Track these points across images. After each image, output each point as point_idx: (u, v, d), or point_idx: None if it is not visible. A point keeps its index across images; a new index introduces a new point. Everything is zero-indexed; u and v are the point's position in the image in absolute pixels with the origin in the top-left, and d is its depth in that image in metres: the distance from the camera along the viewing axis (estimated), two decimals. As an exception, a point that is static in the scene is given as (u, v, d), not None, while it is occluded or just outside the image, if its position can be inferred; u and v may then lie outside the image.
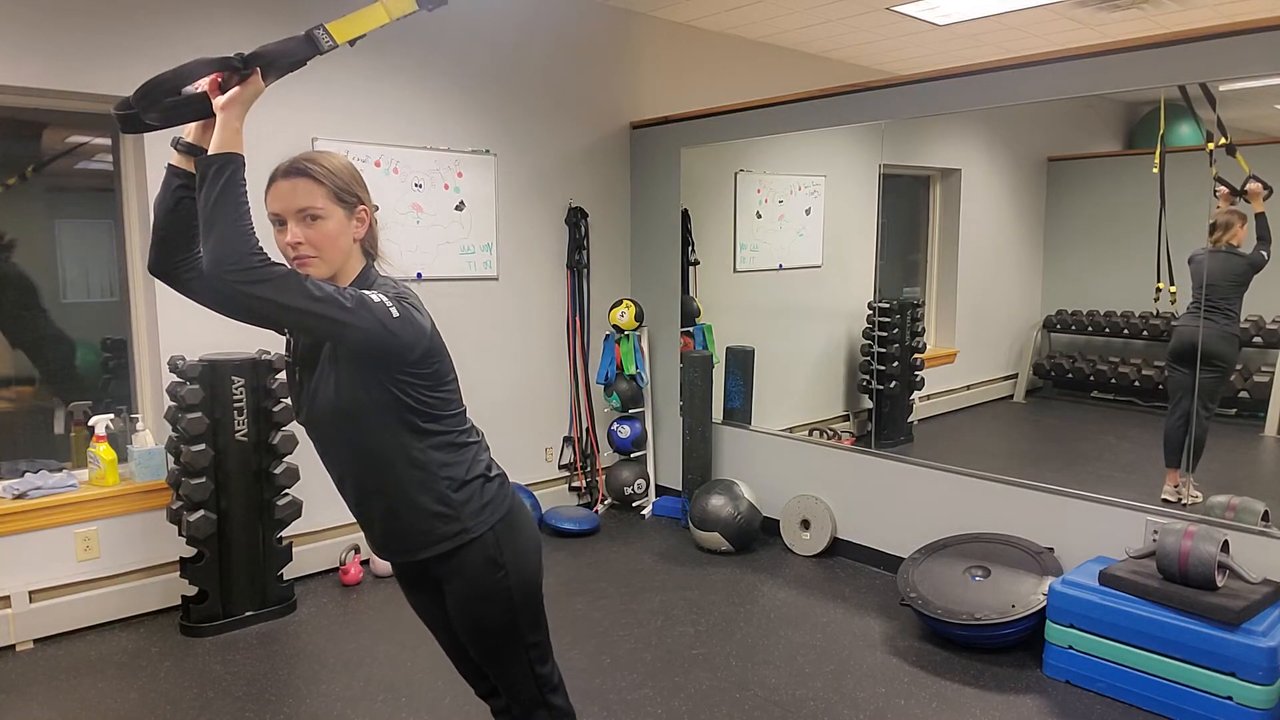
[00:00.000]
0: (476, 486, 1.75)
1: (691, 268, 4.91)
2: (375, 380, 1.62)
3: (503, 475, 1.84)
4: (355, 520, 1.83)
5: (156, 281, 3.61)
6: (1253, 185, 3.76)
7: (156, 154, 3.46)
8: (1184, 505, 3.45)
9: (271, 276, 1.47)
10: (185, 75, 1.54)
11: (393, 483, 1.70)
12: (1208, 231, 3.83)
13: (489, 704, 2.06)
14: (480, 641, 1.82)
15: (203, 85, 1.57)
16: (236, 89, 1.54)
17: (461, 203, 4.36)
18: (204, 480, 3.33)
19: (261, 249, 1.48)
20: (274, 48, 1.58)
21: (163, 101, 1.55)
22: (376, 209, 1.80)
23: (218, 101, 1.54)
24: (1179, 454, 3.80)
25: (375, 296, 1.58)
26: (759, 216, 5.10)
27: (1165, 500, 3.58)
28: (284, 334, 1.82)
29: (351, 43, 1.66)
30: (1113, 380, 5.21)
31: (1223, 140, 3.62)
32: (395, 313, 1.58)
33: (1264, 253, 3.82)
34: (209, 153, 1.51)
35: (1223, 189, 3.80)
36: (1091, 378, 5.32)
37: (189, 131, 1.65)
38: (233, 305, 1.62)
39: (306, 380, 1.71)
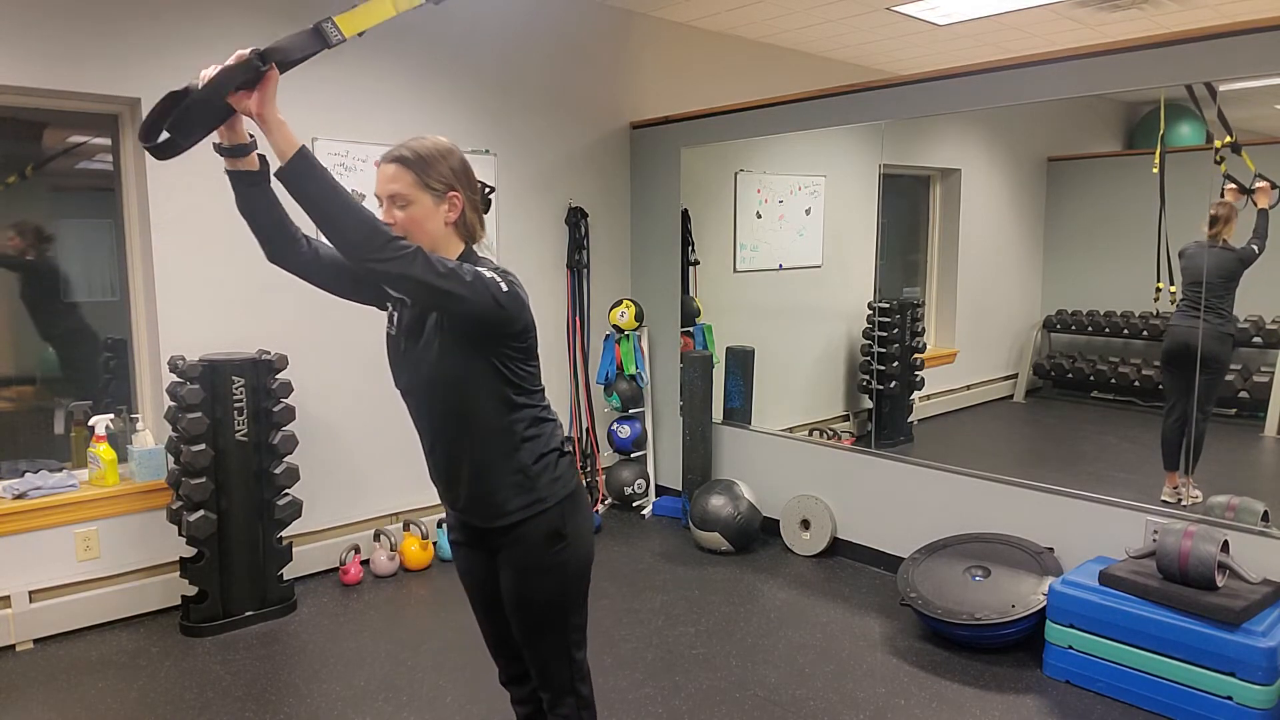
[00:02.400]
0: (552, 460, 1.84)
1: (691, 268, 4.91)
2: (479, 351, 1.73)
3: (572, 454, 1.93)
4: (440, 484, 1.90)
5: (156, 281, 3.64)
6: (1262, 184, 3.75)
7: (156, 154, 3.46)
8: (1184, 506, 3.45)
9: (404, 253, 1.57)
10: (218, 89, 1.55)
11: (483, 449, 1.79)
12: (1207, 225, 3.82)
13: (510, 691, 2.07)
14: (528, 616, 1.87)
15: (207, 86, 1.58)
16: (261, 92, 1.57)
17: (461, 203, 4.35)
18: (204, 480, 3.33)
19: (388, 228, 1.59)
20: (286, 42, 1.59)
21: (193, 125, 1.59)
22: (491, 190, 1.87)
23: (248, 106, 1.57)
24: (1177, 456, 3.79)
25: (486, 273, 1.69)
26: (759, 216, 5.10)
27: (1165, 502, 3.58)
28: (385, 308, 1.90)
29: (361, 34, 1.67)
30: (1113, 380, 5.21)
31: (1228, 139, 3.61)
32: (504, 288, 1.69)
33: (1254, 246, 3.79)
34: (282, 164, 1.56)
35: (1231, 185, 3.79)
36: (1091, 378, 5.32)
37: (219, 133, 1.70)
38: (347, 284, 1.86)
39: (411, 348, 1.81)
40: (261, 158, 1.72)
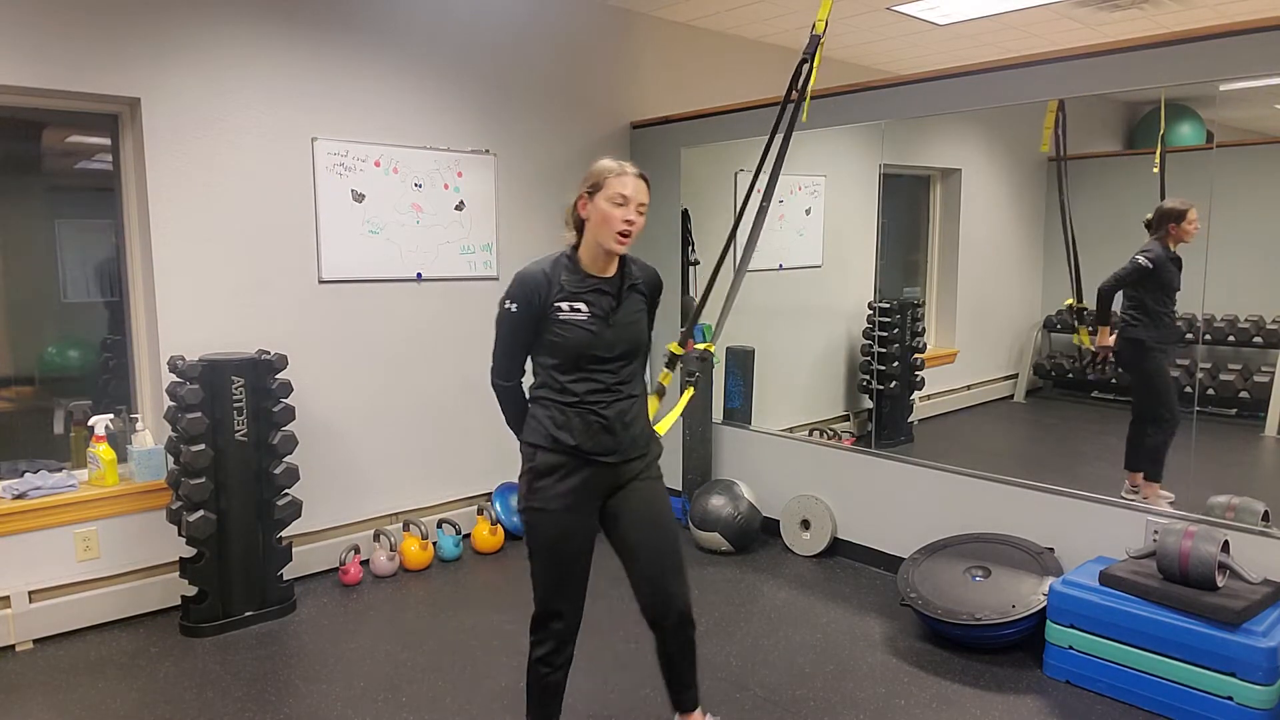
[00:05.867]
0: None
1: (691, 268, 4.90)
2: (650, 325, 2.40)
3: None
4: (608, 434, 2.21)
5: (156, 281, 3.64)
6: None
7: (157, 154, 3.46)
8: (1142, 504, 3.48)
9: None
10: None
11: (640, 397, 2.33)
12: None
13: (559, 654, 2.29)
14: (667, 518, 2.36)
15: None
16: None
17: (461, 203, 4.36)
18: (204, 480, 3.32)
19: None
20: None
21: None
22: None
23: None
24: (1131, 458, 3.94)
25: None
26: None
27: (1123, 496, 3.60)
28: (593, 301, 2.24)
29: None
30: (1113, 380, 5.21)
31: None
32: None
33: (1140, 255, 3.88)
34: None
35: None
36: (1092, 378, 5.32)
37: None
38: None
39: (615, 325, 2.22)
40: None
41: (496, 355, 2.31)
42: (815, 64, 2.96)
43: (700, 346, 2.83)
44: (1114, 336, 4.07)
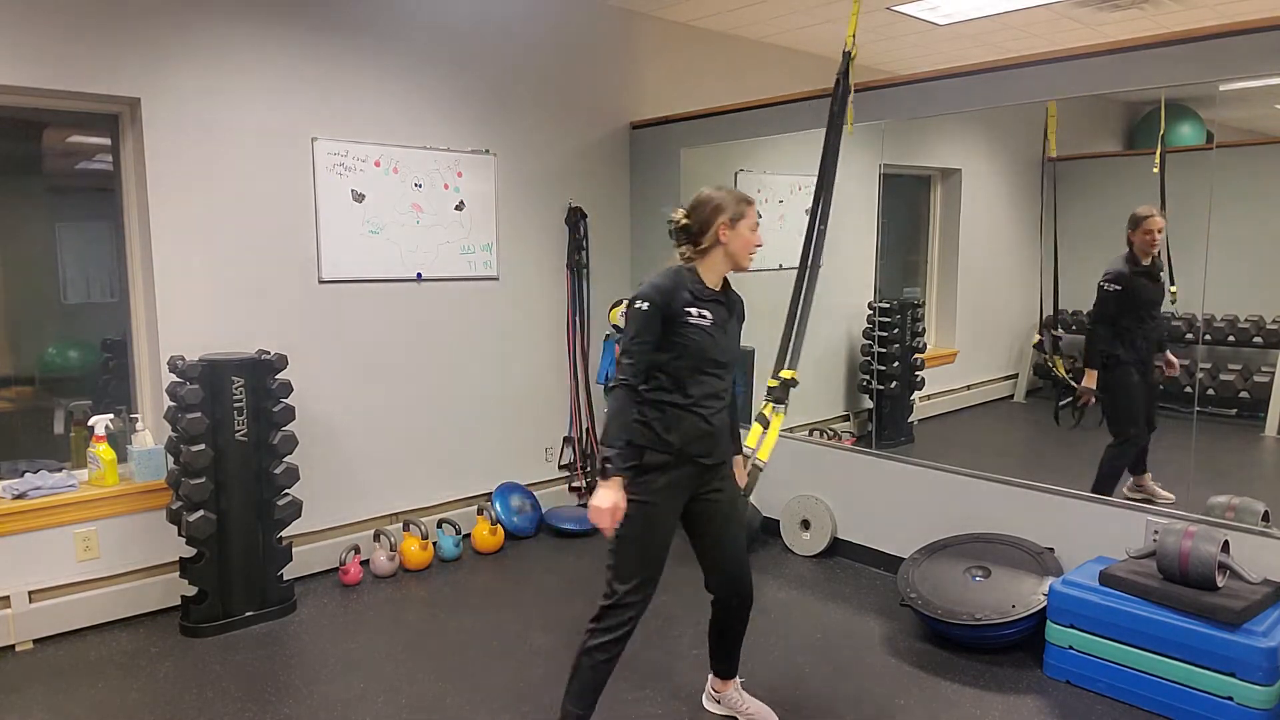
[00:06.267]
0: None
1: (691, 268, 4.90)
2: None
3: None
4: (708, 440, 2.45)
5: (156, 281, 3.64)
6: None
7: (157, 154, 3.46)
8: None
9: None
10: None
11: (732, 406, 2.57)
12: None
13: (639, 620, 2.51)
14: (740, 517, 2.65)
15: None
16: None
17: (461, 203, 4.36)
18: (204, 480, 3.32)
19: None
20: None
21: None
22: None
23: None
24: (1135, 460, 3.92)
25: None
26: (759, 216, 5.09)
27: (1125, 496, 3.60)
28: (713, 310, 2.45)
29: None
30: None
31: None
32: None
33: (1103, 282, 3.82)
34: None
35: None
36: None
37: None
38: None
39: (724, 336, 2.45)
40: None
41: (626, 353, 2.34)
42: (851, 79, 3.05)
43: (786, 374, 2.89)
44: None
